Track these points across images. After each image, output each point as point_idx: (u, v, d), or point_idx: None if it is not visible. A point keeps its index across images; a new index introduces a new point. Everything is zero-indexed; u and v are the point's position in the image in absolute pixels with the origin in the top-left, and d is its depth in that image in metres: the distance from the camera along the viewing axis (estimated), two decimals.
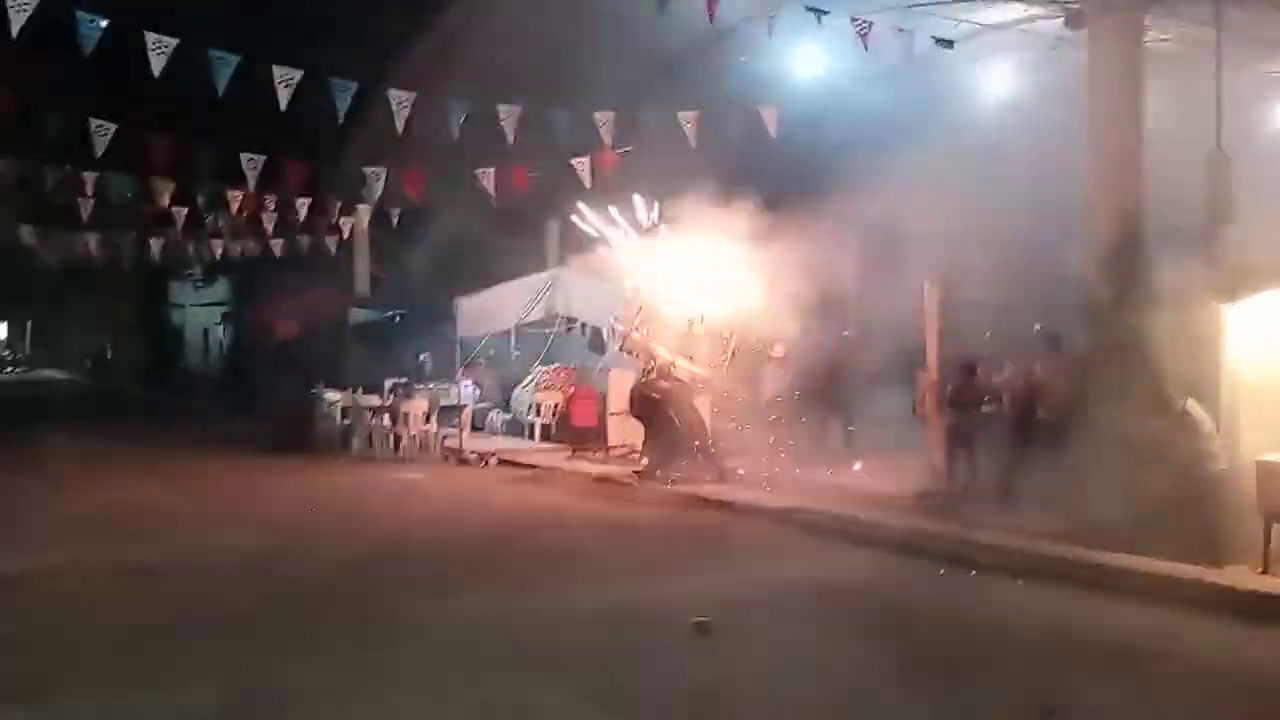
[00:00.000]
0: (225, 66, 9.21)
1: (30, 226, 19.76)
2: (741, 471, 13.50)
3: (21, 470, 15.82)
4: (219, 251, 21.30)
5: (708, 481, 13.62)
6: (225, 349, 35.90)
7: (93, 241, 20.11)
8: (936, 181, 12.46)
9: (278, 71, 9.56)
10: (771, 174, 14.15)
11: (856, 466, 13.84)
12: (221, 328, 36.29)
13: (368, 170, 12.98)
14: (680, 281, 14.71)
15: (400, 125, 10.23)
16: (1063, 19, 10.80)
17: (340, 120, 9.90)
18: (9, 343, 53.86)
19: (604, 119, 11.38)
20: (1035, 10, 11.33)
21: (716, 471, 13.73)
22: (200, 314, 38.49)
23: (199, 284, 36.38)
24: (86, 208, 15.84)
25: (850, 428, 15.37)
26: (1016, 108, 13.49)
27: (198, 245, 20.45)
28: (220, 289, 35.44)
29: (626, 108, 11.77)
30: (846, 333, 16.69)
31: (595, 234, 15.67)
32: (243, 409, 25.79)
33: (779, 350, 14.88)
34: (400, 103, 10.24)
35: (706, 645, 7.13)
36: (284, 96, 9.60)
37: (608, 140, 11.60)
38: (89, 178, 14.22)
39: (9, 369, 48.31)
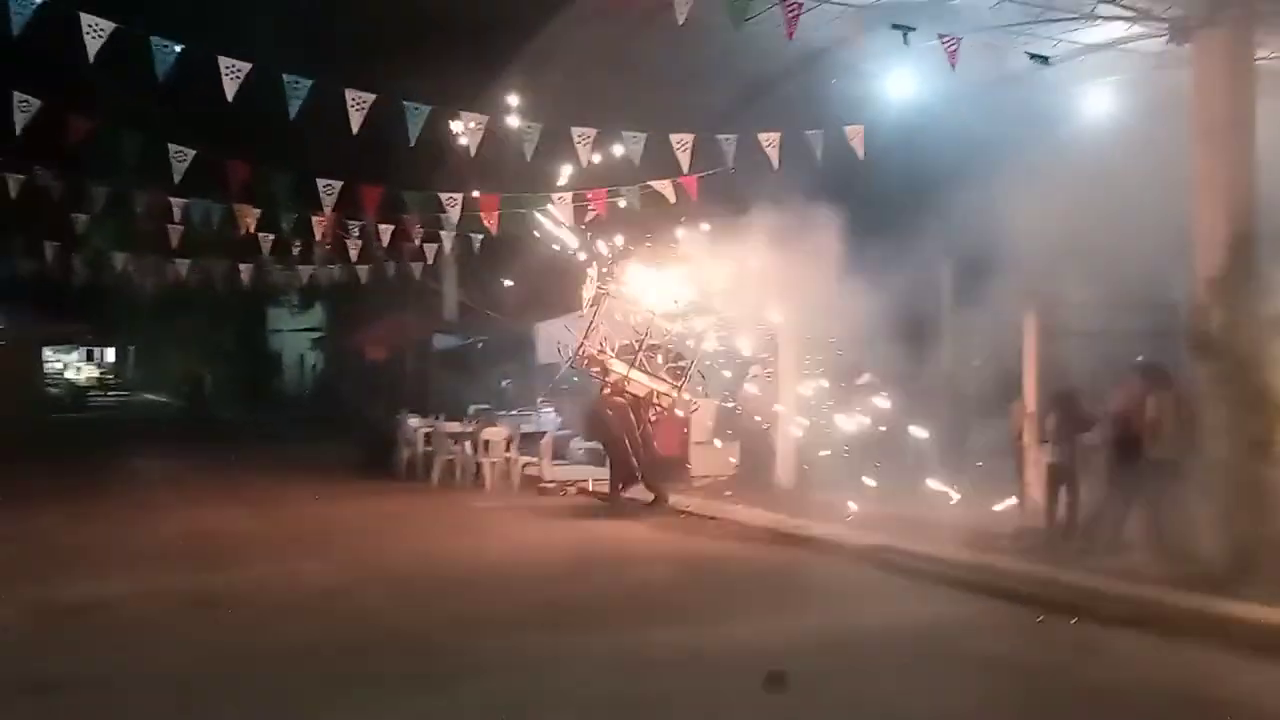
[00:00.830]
0: (297, 90, 9.13)
1: (129, 254, 20.13)
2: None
3: (109, 495, 16.06)
4: (307, 278, 21.50)
5: (648, 504, 13.79)
6: (317, 374, 36.41)
7: (186, 268, 20.44)
8: (1034, 205, 11.86)
9: (350, 95, 9.46)
10: (861, 196, 13.66)
11: (952, 501, 13.22)
12: (315, 353, 36.83)
13: (444, 196, 12.84)
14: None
15: (473, 148, 10.04)
16: (1166, 36, 10.18)
17: (412, 144, 9.75)
18: (113, 367, 55.53)
19: (682, 141, 11.02)
20: (1137, 29, 10.72)
21: (656, 492, 13.90)
22: (297, 339, 39.15)
23: (295, 309, 36.97)
24: (176, 235, 16.05)
25: (951, 460, 14.85)
26: (1118, 127, 12.85)
27: (287, 271, 20.62)
28: (315, 314, 35.99)
29: (710, 131, 11.40)
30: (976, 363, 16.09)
31: (555, 238, 15.61)
32: (334, 434, 26.06)
33: (865, 378, 14.40)
34: (474, 126, 10.03)
35: (780, 699, 6.63)
36: (356, 120, 9.49)
37: (685, 163, 11.20)
38: (177, 204, 14.37)
39: (111, 393, 49.74)
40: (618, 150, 11.56)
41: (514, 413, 18.87)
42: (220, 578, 10.21)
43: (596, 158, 11.52)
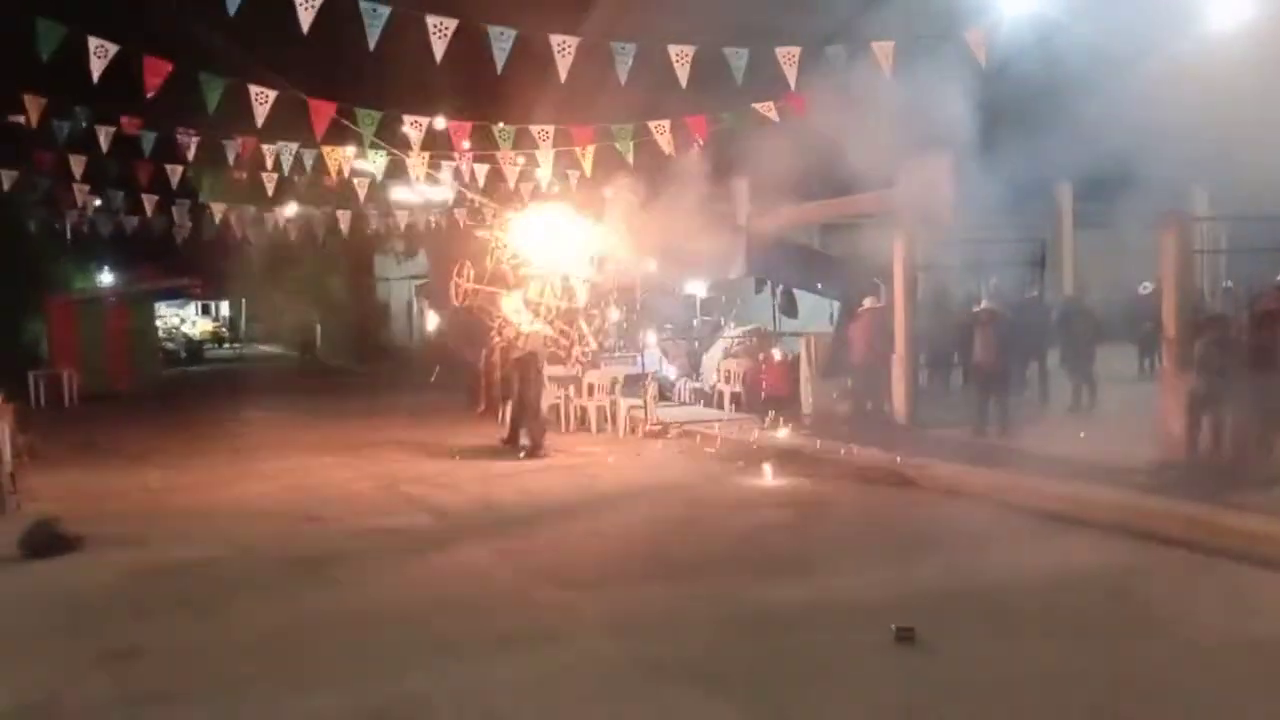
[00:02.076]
0: (375, 18, 8.64)
1: (236, 205, 20.11)
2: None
3: (218, 447, 16.11)
4: (404, 224, 21.26)
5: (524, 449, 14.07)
6: (426, 320, 36.45)
7: (287, 217, 20.39)
8: (1163, 120, 10.86)
9: (431, 22, 8.93)
10: (981, 110, 12.69)
11: (1080, 435, 12.39)
12: (420, 299, 36.86)
13: (535, 129, 12.23)
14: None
15: (563, 73, 9.41)
16: None
17: (499, 71, 9.17)
18: (228, 321, 56.80)
19: (788, 55, 10.16)
20: None
21: (532, 441, 14.14)
22: (403, 287, 39.23)
23: (400, 257, 36.98)
24: (271, 184, 15.86)
25: (1081, 390, 14.06)
26: (1251, 37, 11.68)
27: (384, 218, 20.41)
28: (421, 262, 35.92)
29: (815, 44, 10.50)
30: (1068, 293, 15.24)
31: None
32: (440, 380, 26.00)
33: (984, 306, 13.64)
34: (562, 46, 9.39)
35: (911, 658, 6.09)
36: (439, 49, 8.95)
37: (792, 80, 10.34)
38: (269, 150, 14.10)
39: (226, 346, 50.86)
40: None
41: (617, 354, 18.42)
42: (320, 534, 9.99)
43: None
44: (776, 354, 16.84)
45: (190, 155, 14.40)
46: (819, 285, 15.83)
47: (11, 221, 23.04)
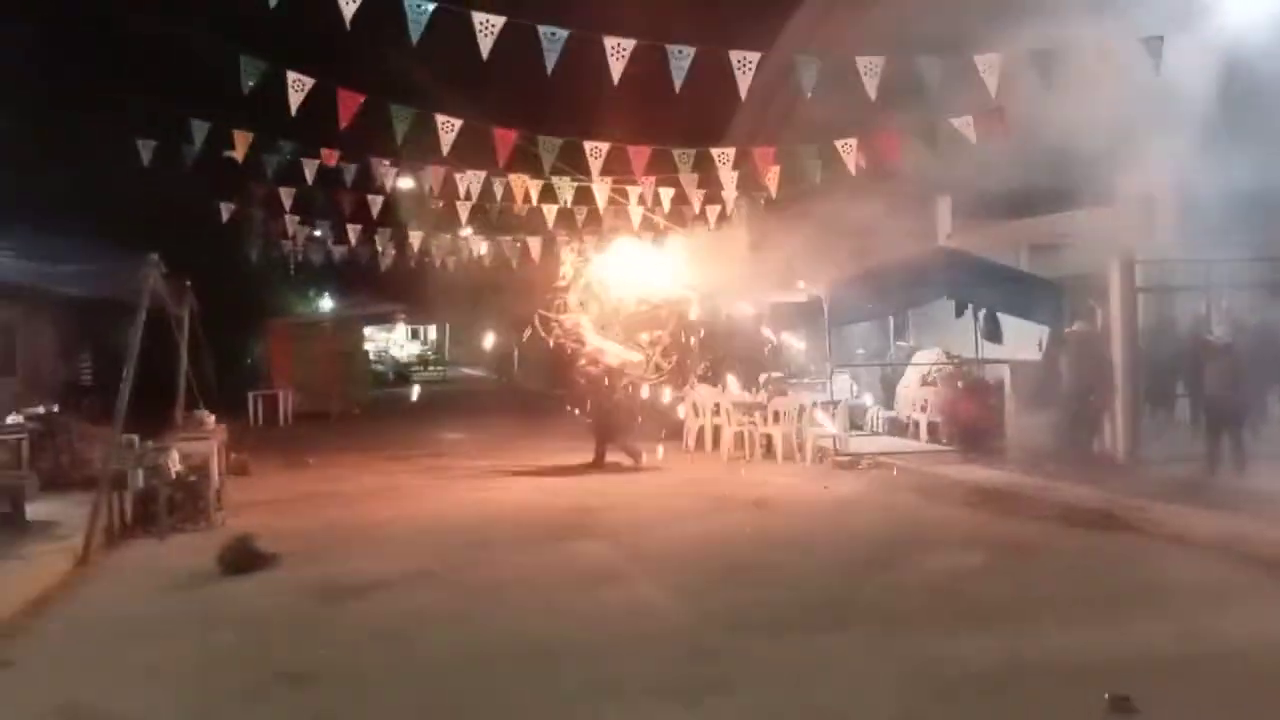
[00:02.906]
0: (554, 42, 8.51)
1: (433, 232, 20.65)
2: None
3: (413, 466, 16.47)
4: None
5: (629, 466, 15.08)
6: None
7: (482, 243, 20.80)
8: None
9: (609, 43, 8.75)
10: (1210, 116, 11.61)
11: None
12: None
13: (716, 152, 11.88)
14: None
15: (743, 91, 9.04)
16: None
17: (676, 89, 8.88)
18: (434, 344, 58.88)
19: (987, 64, 9.46)
20: None
21: (631, 456, 15.28)
22: None
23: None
24: (464, 210, 16.15)
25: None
26: None
27: (573, 243, 20.49)
28: None
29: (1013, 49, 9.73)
30: None
31: None
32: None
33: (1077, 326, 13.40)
34: (743, 62, 9.03)
35: None
36: (616, 70, 8.76)
37: (992, 90, 9.61)
38: (461, 180, 14.33)
39: (431, 368, 52.68)
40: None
41: (805, 381, 17.87)
42: (503, 558, 9.95)
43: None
44: (978, 382, 15.97)
45: (388, 184, 14.79)
46: (1025, 309, 14.86)
47: (235, 251, 24.41)
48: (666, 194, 15.09)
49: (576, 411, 16.81)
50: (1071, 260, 15.32)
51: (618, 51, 8.81)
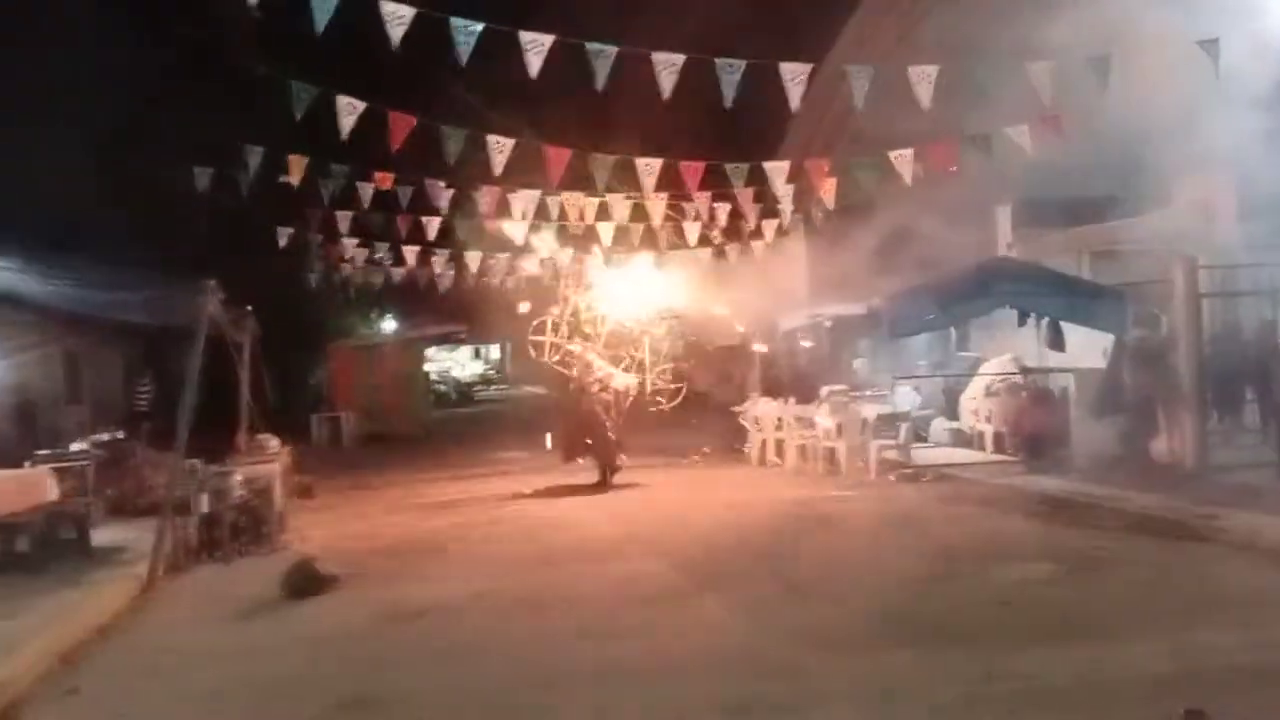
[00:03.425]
0: (603, 59, 8.50)
1: (488, 252, 20.74)
2: None
3: (474, 490, 16.53)
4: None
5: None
6: (675, 360, 36.60)
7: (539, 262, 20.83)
8: None
9: (657, 59, 8.70)
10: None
11: None
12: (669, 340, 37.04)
13: (768, 165, 11.77)
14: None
15: (794, 103, 8.93)
16: None
17: (728, 105, 8.81)
18: (497, 363, 59.23)
19: (1041, 71, 9.28)
20: None
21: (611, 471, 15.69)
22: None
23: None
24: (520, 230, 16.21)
25: None
26: None
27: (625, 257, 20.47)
28: (672, 305, 36.15)
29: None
30: None
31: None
32: (688, 419, 25.93)
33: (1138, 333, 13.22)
34: (794, 75, 8.94)
35: None
36: (667, 84, 8.72)
37: (1046, 98, 9.43)
38: (514, 199, 14.37)
39: (494, 387, 52.97)
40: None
41: (869, 393, 17.65)
42: (555, 578, 9.90)
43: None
44: (1042, 391, 15.66)
45: (443, 207, 14.88)
46: (1088, 317, 14.55)
47: (296, 275, 24.74)
48: (721, 209, 15.01)
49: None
50: (1134, 267, 15.00)
51: (668, 66, 8.78)
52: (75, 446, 14.85)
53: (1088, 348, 14.72)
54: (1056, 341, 15.18)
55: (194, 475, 11.50)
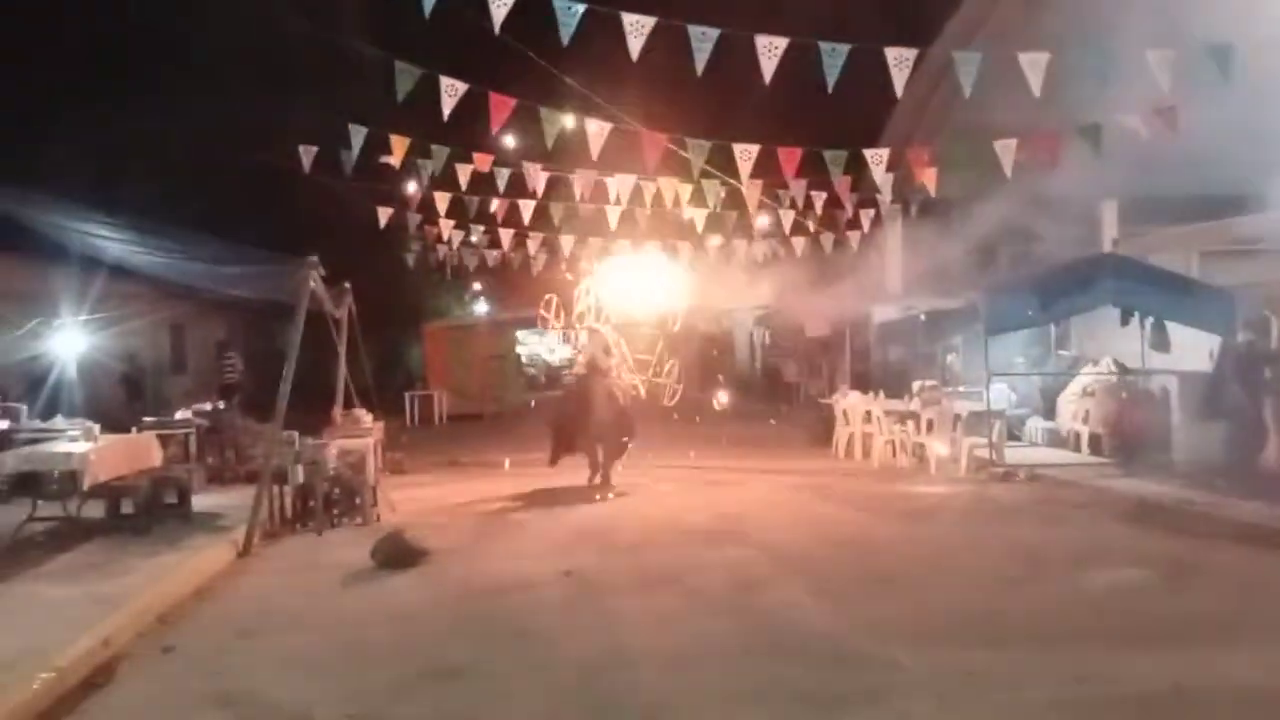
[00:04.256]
0: (704, 42, 8.45)
1: (581, 237, 20.89)
2: None
3: (562, 471, 16.62)
4: (744, 252, 21.24)
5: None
6: (766, 350, 36.49)
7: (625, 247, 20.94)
8: None
9: (760, 41, 8.63)
10: None
11: None
12: (760, 329, 36.94)
13: (869, 153, 11.57)
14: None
15: (899, 88, 8.76)
16: None
17: (829, 90, 8.69)
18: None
19: (1162, 57, 8.92)
20: None
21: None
22: (745, 316, 39.40)
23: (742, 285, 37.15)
24: (614, 215, 16.27)
25: None
26: None
27: (724, 246, 20.48)
28: (762, 289, 35.95)
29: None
30: None
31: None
32: (777, 412, 25.87)
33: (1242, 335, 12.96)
34: (899, 60, 8.77)
35: None
36: (768, 69, 8.63)
37: (1165, 86, 9.08)
38: (611, 183, 14.41)
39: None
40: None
41: (961, 389, 17.35)
42: (639, 562, 9.93)
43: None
44: (1143, 393, 15.25)
45: (539, 190, 14.99)
46: (1194, 317, 14.11)
47: (394, 255, 25.22)
48: (817, 198, 14.86)
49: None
50: (1245, 267, 14.50)
51: (769, 50, 8.70)
52: (179, 415, 15.35)
53: (1193, 349, 14.30)
54: (1161, 342, 14.78)
55: (291, 446, 11.79)
